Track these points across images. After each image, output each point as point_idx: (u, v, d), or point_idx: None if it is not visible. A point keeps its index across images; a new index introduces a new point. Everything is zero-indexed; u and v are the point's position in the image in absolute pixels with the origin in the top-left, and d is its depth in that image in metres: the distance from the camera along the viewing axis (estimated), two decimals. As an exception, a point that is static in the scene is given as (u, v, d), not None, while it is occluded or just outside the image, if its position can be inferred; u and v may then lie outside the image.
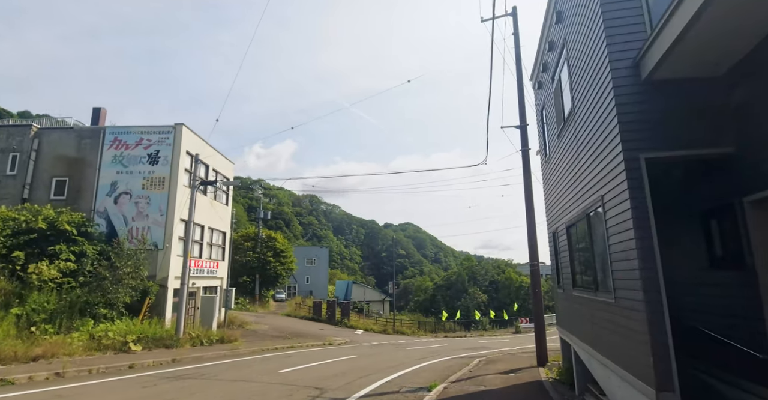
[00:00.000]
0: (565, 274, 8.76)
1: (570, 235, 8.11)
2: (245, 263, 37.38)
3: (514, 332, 44.09)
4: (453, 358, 16.47)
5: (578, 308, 7.65)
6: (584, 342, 7.31)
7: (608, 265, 5.56)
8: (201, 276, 22.88)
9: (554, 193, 9.51)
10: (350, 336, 27.00)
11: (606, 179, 5.55)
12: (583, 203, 6.82)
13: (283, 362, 13.46)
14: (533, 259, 12.78)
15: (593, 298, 6.47)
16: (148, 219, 20.30)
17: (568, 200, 8.02)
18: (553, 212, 9.85)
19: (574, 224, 7.55)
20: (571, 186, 7.69)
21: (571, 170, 7.53)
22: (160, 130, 21.32)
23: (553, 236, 9.93)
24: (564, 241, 8.59)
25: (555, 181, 9.36)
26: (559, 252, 9.22)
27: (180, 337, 16.59)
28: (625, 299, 5.04)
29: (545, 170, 10.85)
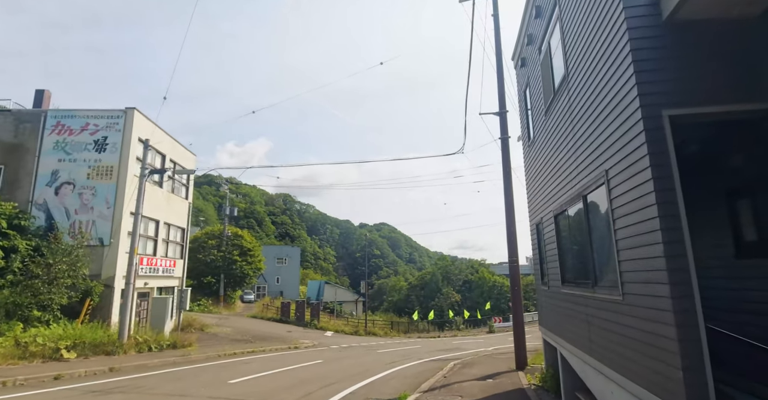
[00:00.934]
0: (551, 269, 7.78)
1: (559, 224, 7.12)
2: (209, 262, 35.36)
3: (488, 332, 43.64)
4: (426, 361, 15.41)
5: (568, 308, 6.65)
6: (576, 347, 6.31)
7: (613, 255, 4.53)
8: (155, 275, 21.04)
9: (539, 180, 8.54)
10: (319, 339, 25.62)
11: (612, 149, 4.52)
12: (578, 183, 5.80)
13: (238, 371, 12.04)
14: (512, 253, 11.84)
15: (590, 295, 5.46)
16: (94, 212, 18.38)
17: (557, 185, 7.02)
18: (537, 201, 8.88)
19: (565, 210, 6.55)
20: (561, 168, 6.68)
21: (562, 149, 6.53)
22: (109, 115, 19.41)
23: (537, 228, 8.96)
24: (551, 231, 7.60)
25: (540, 166, 8.38)
26: (544, 245, 8.24)
27: (124, 342, 14.89)
28: (640, 296, 4.01)
29: (528, 157, 9.89)
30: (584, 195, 5.53)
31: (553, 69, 6.88)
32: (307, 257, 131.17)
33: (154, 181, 21.45)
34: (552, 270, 7.67)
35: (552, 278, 7.73)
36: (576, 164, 5.86)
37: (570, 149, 6.13)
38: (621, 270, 4.41)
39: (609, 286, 4.80)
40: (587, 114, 5.28)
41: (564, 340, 7.09)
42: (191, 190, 25.99)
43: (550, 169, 7.48)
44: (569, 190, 6.24)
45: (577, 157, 5.82)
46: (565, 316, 6.88)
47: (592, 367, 5.57)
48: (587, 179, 5.39)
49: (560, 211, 6.82)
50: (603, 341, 5.11)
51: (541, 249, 8.76)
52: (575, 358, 6.46)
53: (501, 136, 12.64)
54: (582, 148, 5.57)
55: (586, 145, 5.40)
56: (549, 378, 8.25)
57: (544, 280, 8.49)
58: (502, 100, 12.79)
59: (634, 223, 4.07)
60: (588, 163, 5.35)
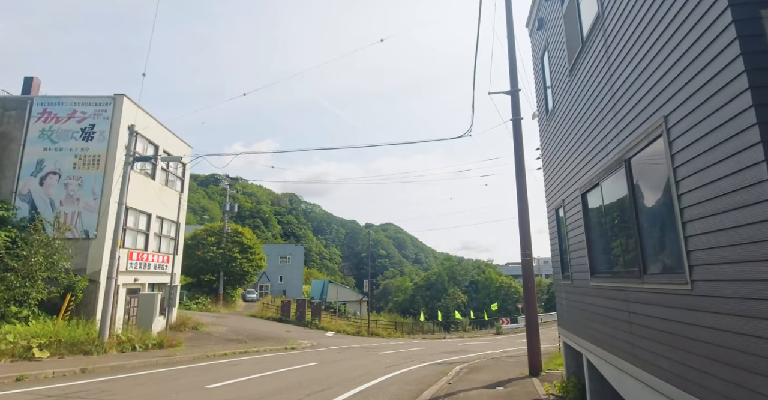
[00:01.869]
0: (575, 259, 6.57)
1: (587, 203, 5.91)
2: (209, 260, 34.39)
3: (495, 333, 42.30)
4: (429, 365, 14.22)
5: (600, 305, 5.44)
6: (611, 353, 5.10)
7: (676, 229, 3.34)
8: (146, 271, 20.08)
9: (560, 157, 7.33)
10: (319, 339, 24.51)
11: (676, 85, 3.34)
12: (617, 146, 4.61)
13: (222, 373, 10.94)
14: (525, 245, 10.62)
15: (635, 287, 4.26)
16: (79, 203, 17.42)
17: (585, 156, 5.82)
18: (557, 181, 7.67)
19: (596, 184, 5.35)
20: (591, 133, 5.49)
21: (593, 109, 5.33)
22: (97, 102, 18.45)
23: (556, 214, 7.75)
24: (576, 214, 6.40)
25: (561, 139, 7.18)
26: (566, 232, 7.03)
27: (104, 341, 13.86)
28: (724, 283, 2.81)
29: (545, 133, 8.68)
30: (627, 159, 4.33)
31: (581, 15, 5.69)
32: (313, 257, 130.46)
33: (147, 172, 20.50)
34: (577, 261, 6.47)
35: (576, 270, 6.52)
36: (615, 123, 4.66)
37: (605, 106, 4.93)
38: (689, 249, 3.21)
39: (667, 272, 3.61)
40: (633, 53, 4.09)
41: (592, 343, 5.88)
42: (187, 183, 25.01)
43: (575, 139, 6.28)
44: (603, 157, 5.04)
45: (615, 114, 4.62)
46: (595, 315, 5.67)
47: (636, 378, 4.37)
48: (632, 137, 4.19)
49: (590, 186, 5.61)
50: (654, 346, 3.91)
51: (561, 238, 7.55)
52: (608, 366, 5.25)
53: (513, 118, 11.43)
54: (624, 99, 4.38)
55: (630, 93, 4.21)
56: (571, 388, 7.03)
57: (566, 273, 7.28)
58: (513, 77, 11.58)
59: (714, 180, 2.87)
60: (633, 115, 4.15)
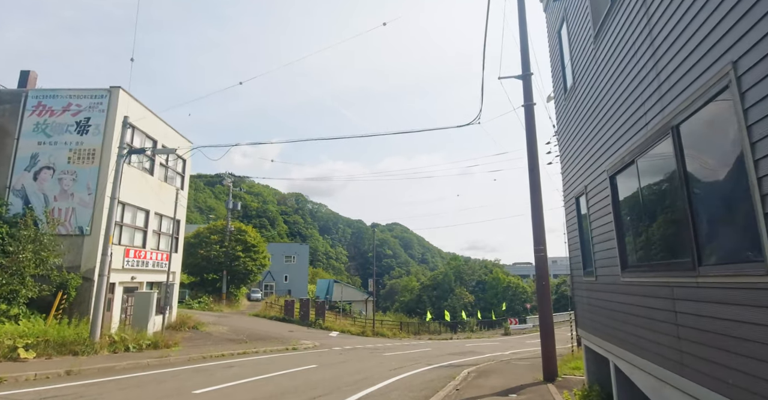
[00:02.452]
0: (600, 252, 5.80)
1: (616, 186, 5.14)
2: (212, 258, 33.87)
3: (503, 334, 41.43)
4: (436, 367, 13.47)
5: (634, 303, 4.67)
6: (648, 360, 4.33)
7: (755, 205, 2.57)
8: (144, 269, 19.54)
9: (581, 137, 6.56)
10: (322, 339, 23.85)
11: (748, 20, 2.56)
12: (661, 111, 3.84)
13: (214, 377, 10.28)
14: (538, 240, 9.84)
15: (687, 281, 3.50)
16: (74, 199, 16.89)
17: (614, 132, 5.05)
18: (577, 166, 6.89)
19: (630, 162, 4.58)
20: (624, 103, 4.71)
21: (628, 74, 4.56)
22: (92, 94, 17.92)
23: (576, 202, 6.97)
24: (602, 200, 5.63)
25: (584, 117, 6.41)
26: (590, 222, 6.25)
27: (95, 341, 13.28)
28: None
29: (563, 114, 7.90)
30: (675, 125, 3.55)
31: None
32: (319, 257, 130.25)
33: (145, 168, 19.96)
34: (603, 254, 5.69)
35: (602, 264, 5.74)
36: (656, 85, 3.89)
37: (642, 68, 4.17)
38: (774, 229, 2.44)
39: (735, 261, 2.84)
40: None
41: (623, 348, 5.11)
42: (187, 179, 24.50)
43: (601, 115, 5.51)
44: (640, 129, 4.27)
45: (658, 74, 3.85)
46: (627, 315, 4.90)
47: (682, 391, 3.61)
48: (682, 98, 3.42)
49: (621, 166, 4.84)
50: (712, 354, 3.14)
51: (582, 229, 6.77)
52: (643, 374, 4.48)
53: (525, 103, 10.65)
54: (669, 54, 3.61)
55: (679, 44, 3.45)
56: (595, 397, 6.26)
57: (588, 269, 6.50)
58: (525, 60, 10.80)
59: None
60: (684, 71, 3.39)
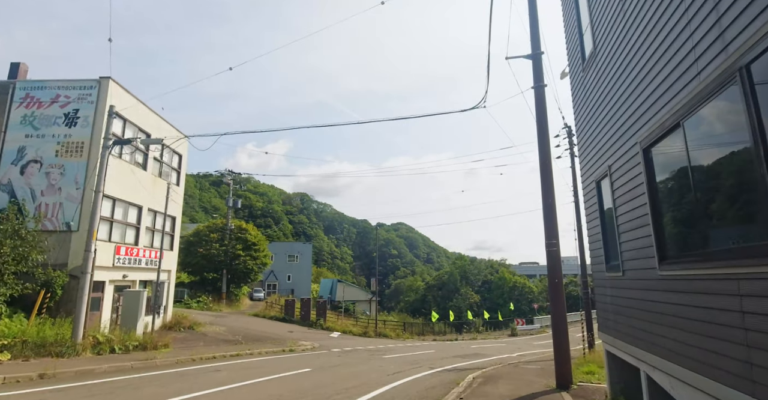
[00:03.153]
0: (630, 242, 4.92)
1: (652, 160, 4.26)
2: (211, 257, 33.19)
3: (510, 335, 40.42)
4: (439, 372, 12.60)
5: (678, 302, 3.80)
6: (700, 373, 3.45)
7: None
8: (137, 267, 18.84)
9: (604, 109, 5.68)
10: (322, 340, 23.05)
11: None
12: (718, 54, 2.96)
13: (196, 382, 9.49)
14: (551, 233, 8.93)
15: (758, 273, 2.60)
16: (61, 193, 16.22)
17: (649, 93, 4.18)
18: (598, 145, 6.02)
19: (674, 126, 3.70)
20: (663, 55, 3.84)
21: (669, 18, 3.68)
22: (81, 86, 17.25)
23: (597, 187, 6.09)
24: (632, 179, 4.75)
25: (608, 84, 5.54)
26: (615, 207, 5.36)
27: (78, 342, 12.55)
28: None
29: (581, 87, 7.02)
30: (744, 66, 2.67)
31: None
32: (324, 257, 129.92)
33: (137, 162, 19.28)
34: (633, 244, 4.82)
35: (632, 257, 4.87)
36: (717, 16, 3.01)
37: (689, 5, 3.28)
38: None
39: None
40: None
41: (659, 356, 4.23)
42: (183, 175, 23.80)
43: (631, 77, 4.64)
44: (689, 81, 3.40)
45: (715, 4, 2.96)
46: (667, 316, 4.02)
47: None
48: (753, 28, 2.54)
49: (659, 134, 3.96)
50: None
51: (604, 218, 5.89)
52: (694, 391, 3.60)
53: (535, 85, 9.74)
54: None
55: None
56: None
57: (612, 263, 5.62)
58: (535, 38, 9.89)
59: None
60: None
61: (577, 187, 20.92)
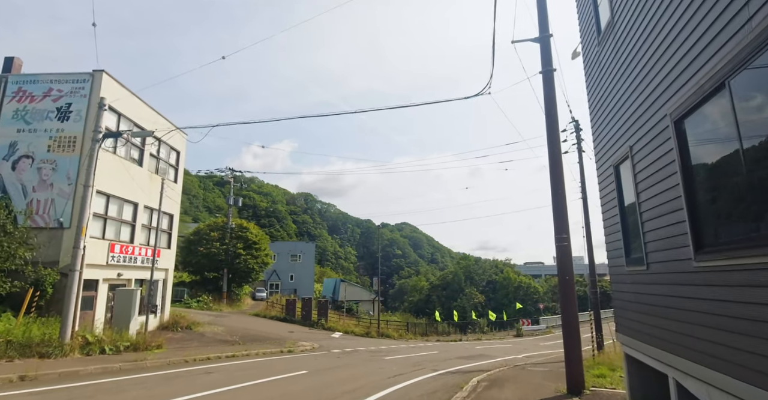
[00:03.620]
0: (655, 231, 4.34)
1: (685, 133, 3.67)
2: (212, 256, 32.75)
3: (516, 336, 39.75)
4: (442, 374, 12.02)
5: (721, 297, 3.21)
6: (744, 380, 2.85)
7: None
8: (133, 265, 18.39)
9: (624, 84, 5.10)
10: (323, 341, 22.52)
11: None
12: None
13: (184, 386, 8.98)
14: (561, 228, 8.34)
15: None
16: (53, 189, 15.79)
17: (683, 55, 3.59)
18: (617, 124, 5.43)
19: (720, 85, 3.10)
20: (702, 4, 3.24)
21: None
22: (74, 79, 16.82)
23: (615, 172, 5.51)
24: (659, 158, 4.18)
25: (629, 53, 4.95)
26: (636, 193, 4.78)
27: (66, 342, 12.07)
28: None
29: (596, 64, 6.44)
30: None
31: None
32: (328, 256, 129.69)
33: (133, 158, 18.84)
34: (659, 233, 4.23)
35: (659, 247, 4.28)
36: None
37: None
38: None
39: None
40: None
41: (695, 362, 3.65)
42: (181, 172, 23.36)
43: (658, 39, 4.06)
44: (740, 28, 2.81)
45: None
46: (707, 316, 3.44)
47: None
48: None
49: (697, 99, 3.37)
50: None
51: (623, 206, 5.30)
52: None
53: (543, 69, 9.14)
54: None
55: None
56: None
57: (634, 256, 5.03)
58: (543, 19, 9.30)
59: None
60: None
61: (584, 183, 20.27)
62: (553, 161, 8.35)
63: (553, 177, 8.49)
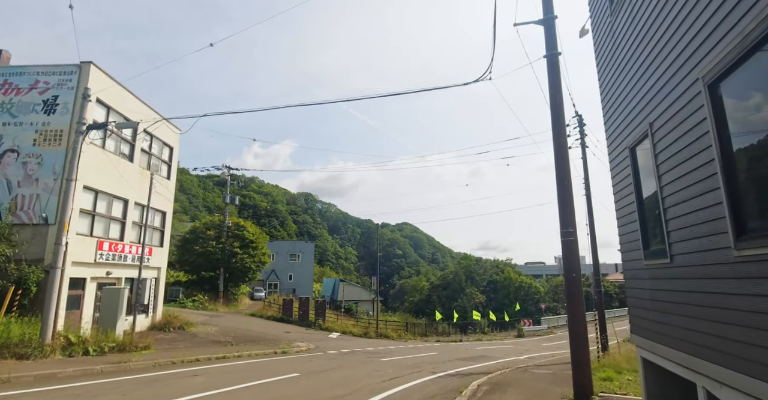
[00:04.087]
0: (681, 217, 3.77)
1: (720, 98, 3.11)
2: (208, 255, 32.20)
3: (517, 336, 39.13)
4: (440, 377, 11.46)
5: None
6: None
7: None
8: (123, 264, 17.83)
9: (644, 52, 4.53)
10: (319, 341, 21.97)
11: None
12: None
13: (166, 390, 8.43)
14: (567, 222, 7.76)
15: None
16: (38, 184, 15.25)
17: (716, 9, 3.01)
18: (633, 102, 4.87)
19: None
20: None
21: None
22: (62, 71, 16.28)
23: (631, 154, 4.94)
24: (687, 133, 3.62)
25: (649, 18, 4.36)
26: (657, 176, 4.21)
27: (46, 343, 11.53)
28: None
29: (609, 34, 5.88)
30: None
31: None
32: (328, 256, 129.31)
33: (123, 154, 18.31)
34: (686, 219, 3.67)
35: (686, 236, 3.72)
36: None
37: None
38: None
39: None
40: None
41: (737, 371, 3.07)
42: (174, 168, 22.81)
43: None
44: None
45: None
46: (752, 316, 2.86)
47: None
48: None
49: (739, 52, 2.79)
50: None
51: (640, 192, 4.73)
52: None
53: (547, 53, 8.58)
54: None
55: None
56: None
57: (654, 247, 4.47)
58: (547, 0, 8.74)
59: None
60: None
61: (588, 180, 19.76)
62: (559, 150, 7.79)
63: (559, 166, 7.92)
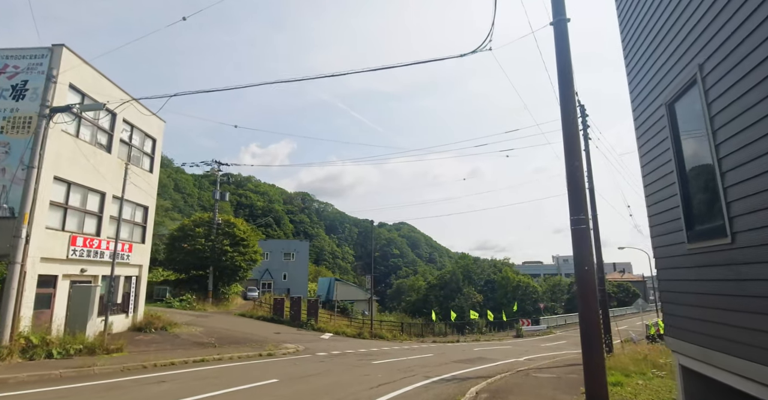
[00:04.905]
0: (746, 182, 2.80)
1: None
2: (196, 253, 31.13)
3: (515, 336, 38.24)
4: (435, 382, 10.48)
5: None
6: None
7: None
8: (99, 260, 16.73)
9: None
10: (310, 342, 20.97)
11: None
12: None
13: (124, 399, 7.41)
14: (577, 208, 6.79)
15: None
16: (5, 174, 14.15)
17: None
18: (675, 40, 3.90)
19: None
20: None
21: None
22: (32, 55, 15.21)
23: (669, 112, 3.98)
24: (756, 67, 2.63)
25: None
26: (710, 133, 3.26)
27: (3, 345, 10.51)
28: None
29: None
30: None
31: None
32: (325, 256, 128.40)
33: (100, 144, 17.25)
34: (754, 184, 2.71)
35: (754, 207, 2.76)
36: None
37: None
38: None
39: None
40: None
41: None
42: (157, 161, 21.73)
43: None
44: None
45: None
46: None
47: None
48: None
49: None
50: None
51: (682, 158, 3.76)
52: None
53: (555, 19, 7.61)
54: None
55: None
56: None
57: (703, 226, 3.52)
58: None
59: None
60: None
61: (591, 172, 18.85)
62: (567, 131, 6.81)
63: (568, 146, 6.94)
